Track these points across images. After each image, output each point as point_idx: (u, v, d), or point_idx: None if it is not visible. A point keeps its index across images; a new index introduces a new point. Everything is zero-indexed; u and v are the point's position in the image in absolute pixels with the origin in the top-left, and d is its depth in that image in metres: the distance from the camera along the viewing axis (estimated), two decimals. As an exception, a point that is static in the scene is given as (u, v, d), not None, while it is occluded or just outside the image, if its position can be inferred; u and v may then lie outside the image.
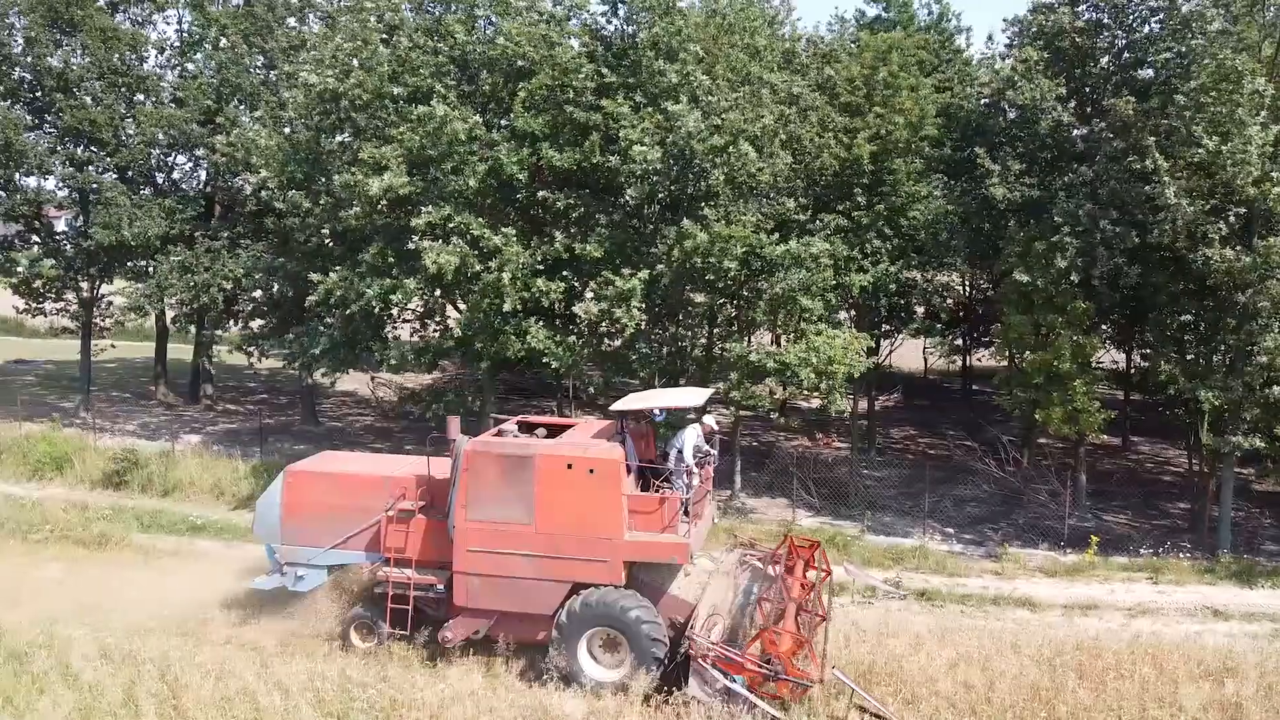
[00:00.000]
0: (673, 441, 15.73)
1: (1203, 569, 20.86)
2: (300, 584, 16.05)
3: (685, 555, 14.58)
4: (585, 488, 14.34)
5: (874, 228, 24.08)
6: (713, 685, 13.17)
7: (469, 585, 14.88)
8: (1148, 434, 33.06)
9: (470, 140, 21.53)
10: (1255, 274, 19.68)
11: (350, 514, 15.75)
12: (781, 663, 13.09)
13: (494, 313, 21.67)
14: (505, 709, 13.13)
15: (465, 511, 14.73)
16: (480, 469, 14.70)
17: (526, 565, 14.59)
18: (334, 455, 18.76)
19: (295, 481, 16.17)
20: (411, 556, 15.39)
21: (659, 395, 17.11)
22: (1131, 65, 23.76)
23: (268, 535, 16.37)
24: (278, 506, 16.10)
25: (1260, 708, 13.30)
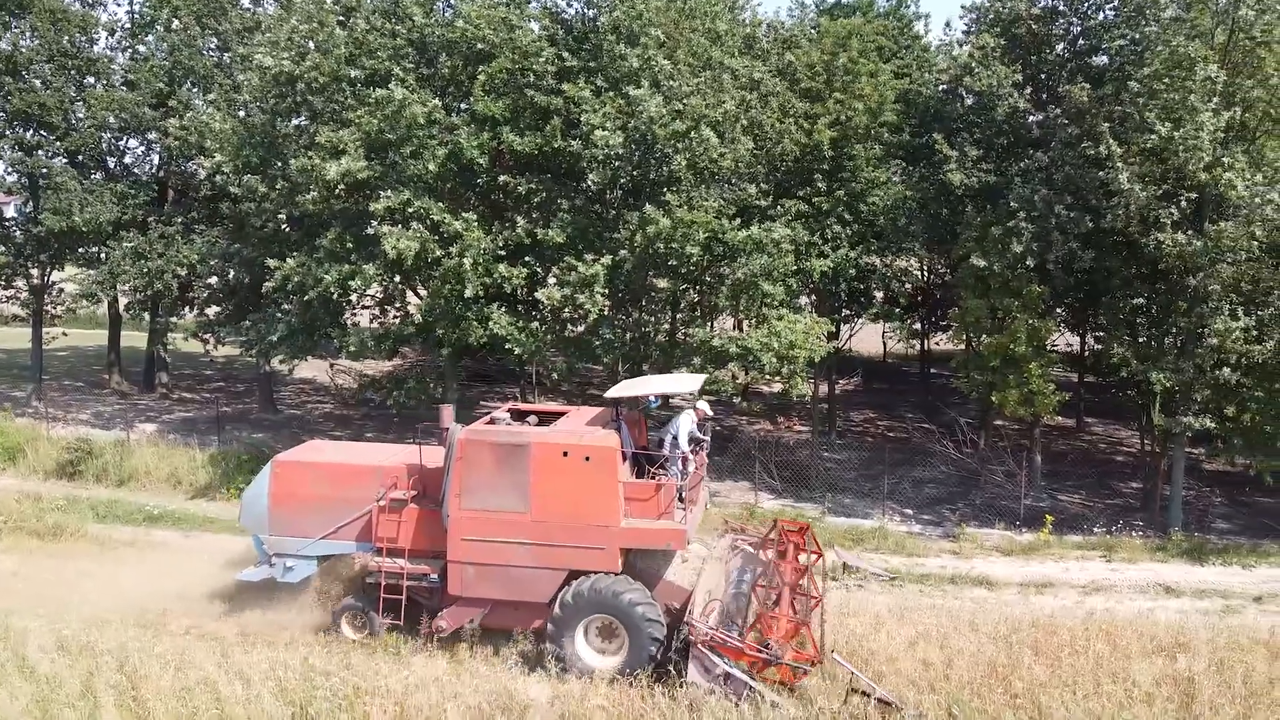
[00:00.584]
0: (667, 428, 15.74)
1: (1155, 547, 21.35)
2: (289, 575, 15.84)
3: (682, 541, 14.61)
4: (581, 475, 14.30)
5: (834, 213, 24.25)
6: (712, 671, 13.21)
7: (463, 574, 14.80)
8: (1101, 415, 33.75)
9: (430, 124, 21.34)
10: (1206, 258, 20.09)
11: (340, 504, 15.61)
12: (780, 647, 13.20)
13: (455, 299, 21.54)
14: (470, 694, 13.13)
15: (459, 500, 14.63)
16: (475, 457, 14.58)
17: (522, 553, 14.53)
18: (320, 445, 18.45)
19: (283, 472, 15.97)
20: (404, 546, 15.27)
21: (654, 381, 17.06)
22: (1086, 52, 24.11)
23: (255, 526, 16.14)
24: (265, 497, 15.90)
25: (1212, 682, 13.65)
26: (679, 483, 14.94)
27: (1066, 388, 25.69)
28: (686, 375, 18.02)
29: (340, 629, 15.59)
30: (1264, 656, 14.76)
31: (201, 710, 12.49)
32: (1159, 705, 12.95)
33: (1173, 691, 13.50)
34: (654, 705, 12.74)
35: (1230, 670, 14.07)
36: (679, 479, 15.02)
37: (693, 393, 15.91)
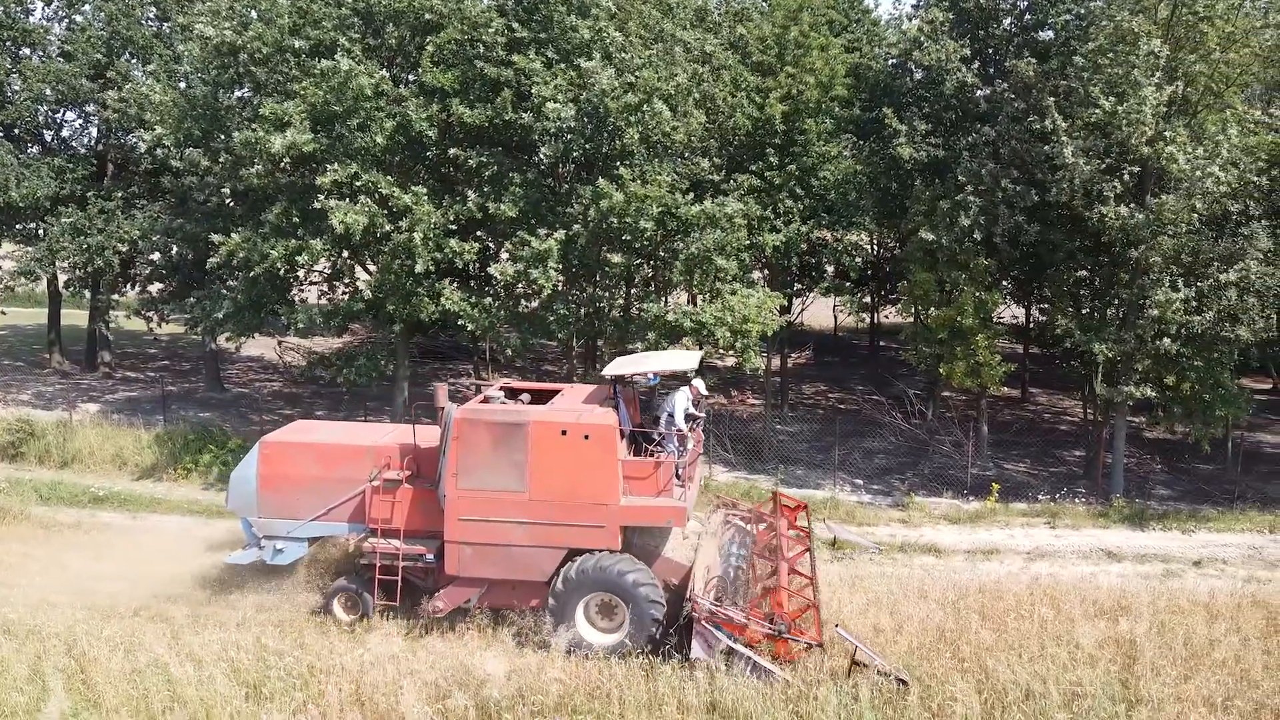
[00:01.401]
0: (663, 405, 15.67)
1: (1097, 513, 21.92)
2: (279, 557, 15.60)
3: (682, 519, 14.63)
4: (580, 453, 14.24)
5: (786, 188, 24.32)
6: (715, 646, 13.23)
7: (460, 554, 14.68)
8: (1045, 386, 34.49)
9: (377, 96, 20.99)
10: (1148, 231, 20.54)
11: (331, 485, 15.39)
12: (785, 622, 13.28)
13: (405, 274, 21.29)
14: (427, 671, 13.11)
15: (456, 480, 14.49)
16: (471, 437, 14.43)
17: (520, 532, 14.46)
18: (309, 425, 18.13)
19: (272, 453, 15.67)
20: (399, 526, 15.13)
21: (653, 358, 16.96)
22: (1033, 27, 24.40)
23: (242, 509, 15.84)
24: (253, 479, 15.60)
25: (1153, 644, 14.08)
26: (676, 460, 14.89)
27: (1012, 359, 26.17)
28: (683, 352, 17.93)
29: (332, 611, 15.40)
30: (1203, 619, 15.23)
31: (153, 692, 12.32)
32: (1102, 667, 13.32)
33: (1115, 653, 13.90)
34: (610, 677, 12.81)
35: (1171, 632, 14.52)
36: (676, 456, 14.97)
37: (691, 369, 15.80)
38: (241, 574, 16.46)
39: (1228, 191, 20.19)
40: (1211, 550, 19.95)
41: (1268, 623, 15.13)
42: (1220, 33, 20.18)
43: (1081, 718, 11.90)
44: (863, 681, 12.43)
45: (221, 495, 22.19)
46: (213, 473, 23.20)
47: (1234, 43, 20.26)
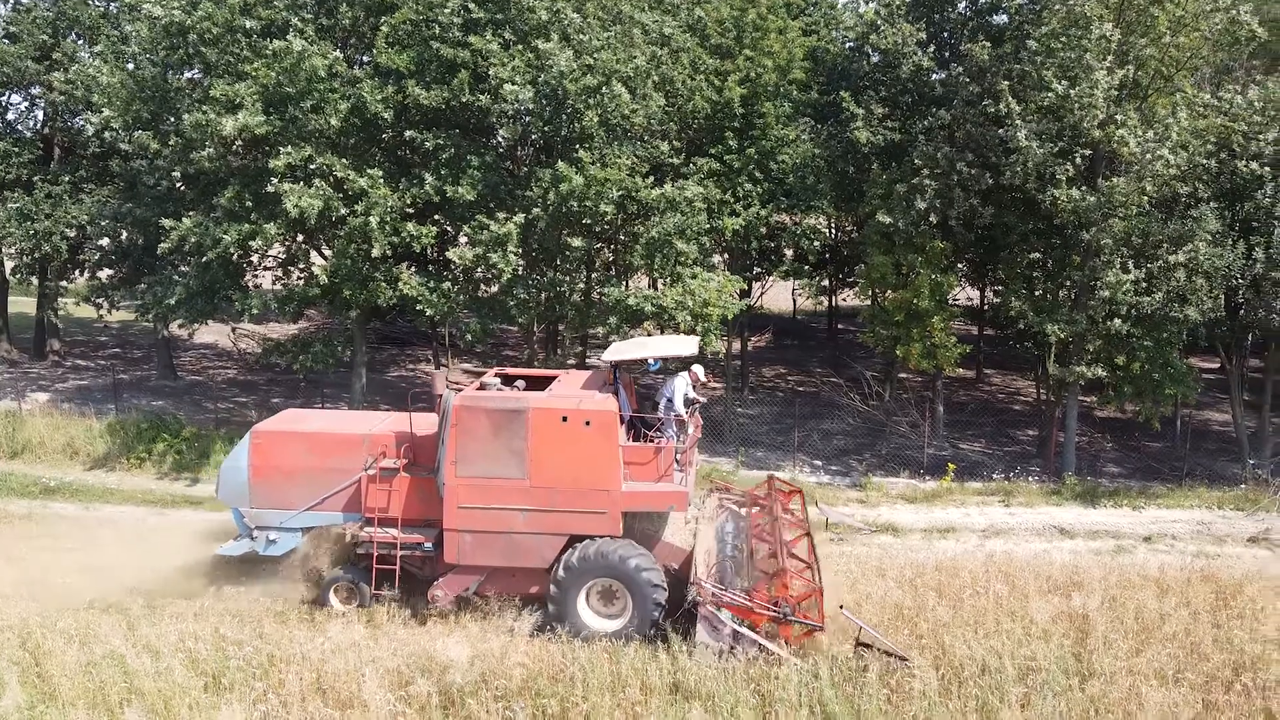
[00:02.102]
0: (662, 390, 15.65)
1: (1050, 491, 22.35)
2: (272, 548, 15.41)
3: (684, 504, 14.70)
4: (581, 440, 14.23)
5: (745, 171, 24.35)
6: (720, 630, 13.28)
7: (460, 542, 14.60)
8: (999, 366, 35.03)
9: (331, 77, 20.69)
10: (1099, 213, 20.88)
11: (325, 474, 15.24)
12: (790, 606, 13.35)
13: (362, 258, 21.06)
14: (389, 657, 13.07)
15: (455, 468, 14.41)
16: (471, 424, 14.35)
17: (521, 520, 14.43)
18: (300, 413, 17.83)
19: (263, 442, 15.47)
20: (396, 515, 15.02)
21: (652, 344, 16.91)
22: (987, 10, 24.64)
23: (234, 499, 15.62)
24: (245, 469, 15.41)
25: (1105, 618, 14.43)
26: (677, 445, 14.89)
27: (967, 340, 26.55)
28: (682, 337, 17.92)
29: (329, 602, 15.25)
30: (1154, 593, 15.64)
31: (110, 684, 12.16)
32: (1056, 641, 13.62)
33: (1068, 628, 14.22)
34: (574, 660, 12.86)
35: (1122, 607, 14.88)
36: (675, 441, 14.97)
37: (692, 354, 15.73)
38: (198, 564, 16.26)
39: (1177, 174, 20.56)
40: (1161, 526, 20.43)
41: (1216, 597, 15.56)
42: (1170, 16, 20.50)
43: (1036, 691, 12.15)
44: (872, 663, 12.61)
45: (176, 484, 22.00)
46: (166, 462, 22.84)
47: (1184, 26, 20.58)
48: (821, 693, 12.18)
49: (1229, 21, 20.45)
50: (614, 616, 14.36)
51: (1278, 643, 13.66)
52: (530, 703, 12.02)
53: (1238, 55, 22.58)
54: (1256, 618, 14.59)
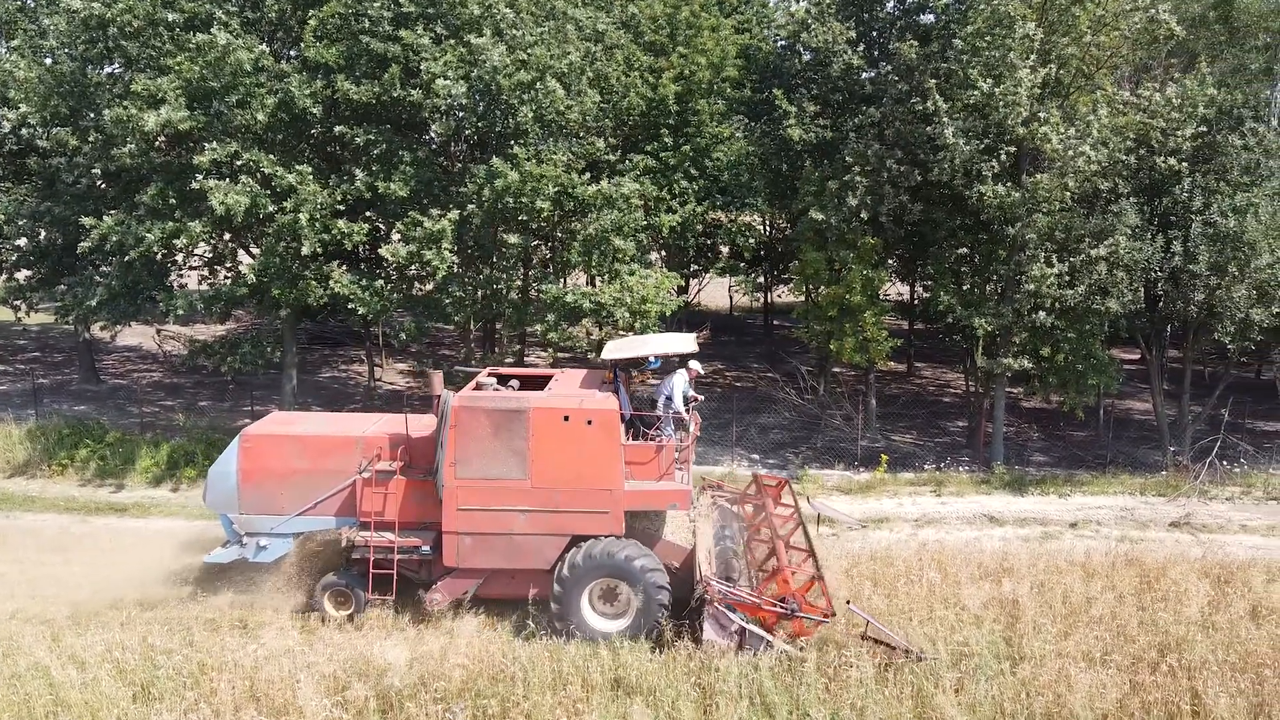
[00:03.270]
0: (660, 388, 15.54)
1: (980, 480, 22.85)
2: (262, 554, 14.98)
3: (687, 501, 14.63)
4: (583, 439, 14.09)
5: (681, 168, 24.49)
6: (728, 628, 13.25)
7: (459, 545, 14.38)
8: (929, 359, 35.75)
9: (257, 71, 20.24)
10: (1023, 208, 21.40)
11: (318, 477, 14.88)
12: (796, 601, 13.38)
13: (291, 256, 20.64)
14: (324, 663, 12.84)
15: (455, 469, 14.18)
16: (470, 425, 14.14)
17: (522, 521, 14.25)
18: (289, 416, 17.33)
19: (253, 446, 15.01)
20: (393, 519, 14.71)
21: (650, 341, 16.78)
22: (915, 10, 25.07)
23: (222, 505, 15.15)
24: (234, 474, 14.96)
25: (1034, 603, 14.83)
26: (677, 443, 14.82)
27: (898, 335, 27.02)
28: (678, 334, 17.87)
29: (322, 608, 14.90)
30: (1080, 577, 16.11)
31: (35, 697, 11.76)
32: (988, 626, 13.94)
33: (1000, 613, 14.56)
34: (514, 659, 12.79)
35: (1051, 591, 15.29)
36: (674, 439, 14.90)
37: (691, 350, 15.65)
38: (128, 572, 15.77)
39: (1098, 170, 21.15)
40: (1086, 512, 21.04)
41: (1140, 580, 16.07)
42: (1091, 16, 21.08)
43: (969, 676, 12.41)
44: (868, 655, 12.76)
45: (100, 491, 21.33)
46: (90, 468, 22.12)
47: (1104, 26, 21.19)
48: (761, 684, 12.30)
49: (1148, 20, 21.09)
50: (616, 616, 14.26)
51: (1201, 624, 14.16)
52: (471, 703, 11.92)
53: (1156, 54, 23.34)
54: (1180, 600, 15.09)
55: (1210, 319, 22.48)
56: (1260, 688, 11.99)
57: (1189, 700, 11.83)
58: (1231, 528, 20.22)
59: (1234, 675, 12.27)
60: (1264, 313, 21.61)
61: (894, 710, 11.75)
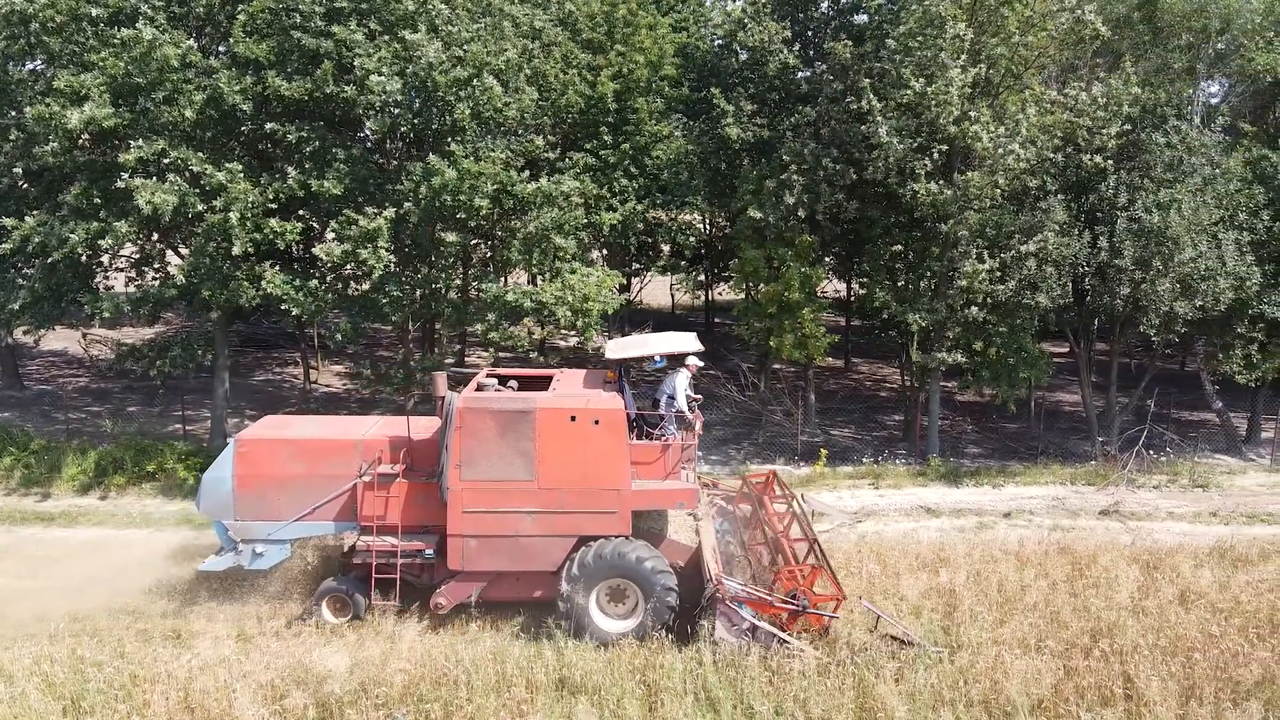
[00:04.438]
0: (662, 388, 15.46)
1: (916, 473, 23.25)
2: (259, 561, 14.68)
3: (694, 500, 14.61)
4: (590, 439, 14.01)
5: (620, 166, 24.49)
6: (739, 625, 13.24)
7: (464, 548, 14.22)
8: (866, 355, 36.28)
9: (184, 67, 19.77)
10: (955, 206, 21.81)
11: (316, 482, 14.62)
12: (805, 597, 13.43)
13: (222, 257, 20.19)
14: (262, 672, 12.60)
15: (460, 472, 13.99)
16: (475, 426, 13.97)
17: (529, 523, 14.14)
18: (283, 420, 16.94)
19: (249, 451, 14.68)
20: (395, 522, 14.49)
21: (653, 340, 16.71)
22: (849, 10, 25.39)
23: (216, 511, 14.81)
24: (229, 479, 14.64)
25: (971, 592, 15.16)
26: (682, 442, 14.78)
27: (835, 331, 27.31)
28: (679, 333, 17.83)
29: (320, 614, 14.62)
30: (1014, 566, 16.51)
31: (-46, 715, 11.34)
32: (926, 615, 14.20)
33: (938, 603, 14.86)
34: (457, 663, 12.67)
35: (986, 580, 15.63)
36: (677, 438, 14.84)
37: (695, 349, 15.62)
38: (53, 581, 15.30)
39: (1027, 168, 21.64)
40: (1019, 502, 21.53)
41: (1072, 567, 16.52)
42: (1020, 17, 21.55)
43: (909, 666, 12.62)
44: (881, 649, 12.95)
45: (25, 500, 20.64)
46: (14, 477, 21.38)
47: (1032, 26, 21.68)
48: (705, 679, 12.36)
49: (1074, 21, 21.62)
50: (624, 616, 14.24)
51: (1131, 609, 14.60)
52: (413, 707, 11.79)
53: (1082, 53, 23.96)
54: (1110, 586, 15.56)
55: (1136, 312, 23.18)
56: (1190, 671, 12.37)
57: (1121, 684, 12.18)
58: (1159, 515, 20.87)
59: (1164, 659, 12.66)
60: (1187, 306, 22.33)
61: (836, 701, 11.90)
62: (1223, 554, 17.51)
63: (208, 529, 19.03)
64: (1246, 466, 24.73)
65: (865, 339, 35.37)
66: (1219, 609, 14.61)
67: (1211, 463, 24.70)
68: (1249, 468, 24.65)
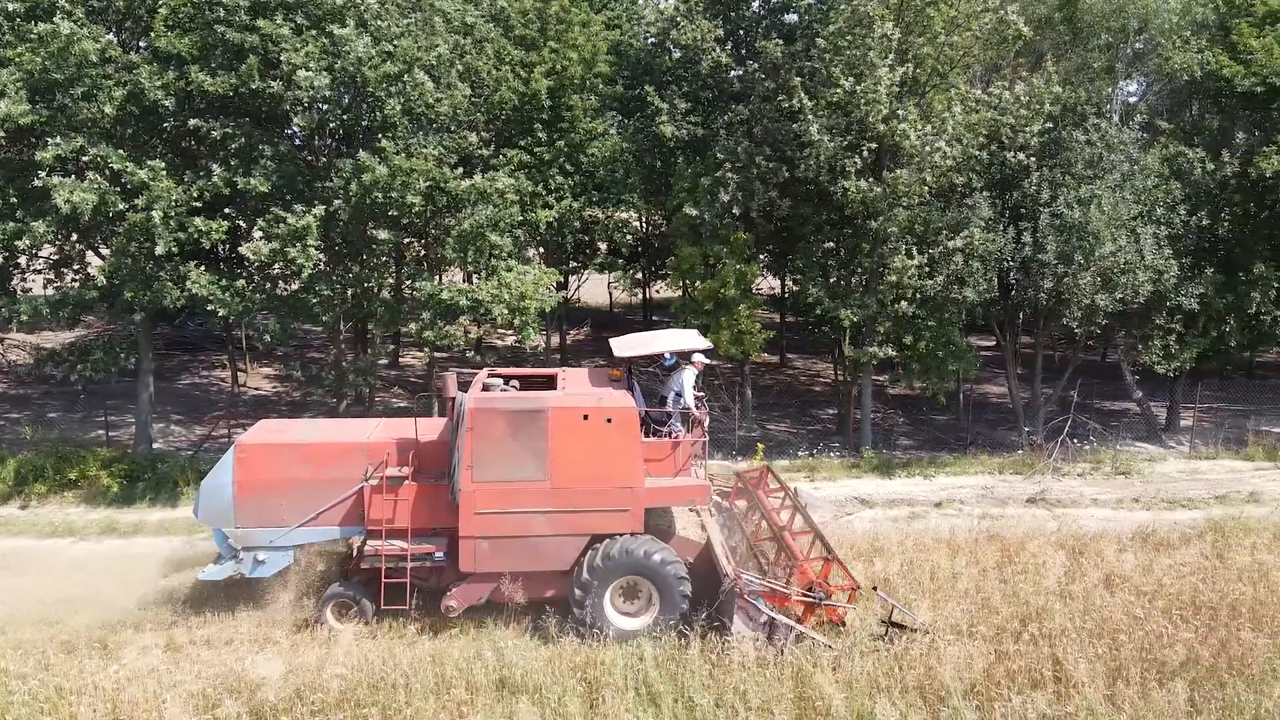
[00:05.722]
0: (670, 384, 15.41)
1: (850, 465, 23.62)
2: (260, 569, 14.27)
3: (706, 497, 14.65)
4: (602, 438, 13.93)
5: (555, 164, 24.38)
6: (756, 619, 13.23)
7: (476, 549, 14.05)
8: (800, 351, 36.74)
9: (104, 62, 19.21)
10: (885, 203, 22.20)
11: (321, 486, 14.26)
12: (823, 590, 13.48)
13: (144, 257, 19.64)
14: (192, 681, 12.30)
15: (471, 473, 13.79)
16: (487, 427, 13.80)
17: (542, 522, 14.02)
18: (281, 424, 16.40)
19: (250, 456, 14.21)
20: (404, 526, 14.20)
21: (660, 337, 16.66)
22: (779, 9, 25.66)
23: (216, 519, 14.34)
24: (229, 486, 14.16)
25: (905, 581, 15.45)
26: (693, 439, 14.75)
27: (770, 327, 27.63)
28: (685, 330, 17.72)
29: (325, 620, 14.27)
30: (946, 554, 16.87)
31: None
32: (862, 605, 14.40)
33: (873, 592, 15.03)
34: (395, 666, 12.50)
35: (920, 569, 15.94)
36: (684, 435, 14.79)
37: (704, 346, 15.61)
38: None
39: (953, 165, 22.12)
40: (950, 492, 22.00)
41: (1002, 554, 16.92)
42: (945, 17, 22.02)
43: (846, 654, 12.81)
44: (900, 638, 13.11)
45: (-65, 511, 19.79)
46: (-74, 488, 20.53)
47: (957, 26, 22.17)
48: (646, 674, 12.40)
49: (998, 21, 22.15)
50: (637, 614, 14.23)
51: (1059, 594, 15.00)
52: (350, 713, 11.60)
53: (1006, 53, 24.56)
54: (1038, 572, 15.96)
55: (1059, 305, 23.83)
56: (1116, 652, 12.74)
57: (1050, 666, 12.49)
58: (1083, 502, 21.49)
59: (1091, 641, 13.01)
60: (1108, 298, 23.03)
61: (775, 691, 12.03)
62: (1145, 539, 18.10)
63: (134, 536, 18.60)
64: (1166, 454, 25.60)
65: (799, 335, 35.82)
66: (1143, 592, 15.08)
67: (1133, 451, 25.51)
68: (1169, 455, 25.52)
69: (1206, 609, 14.24)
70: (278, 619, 14.46)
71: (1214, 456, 25.16)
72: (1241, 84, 23.83)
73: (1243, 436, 26.33)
